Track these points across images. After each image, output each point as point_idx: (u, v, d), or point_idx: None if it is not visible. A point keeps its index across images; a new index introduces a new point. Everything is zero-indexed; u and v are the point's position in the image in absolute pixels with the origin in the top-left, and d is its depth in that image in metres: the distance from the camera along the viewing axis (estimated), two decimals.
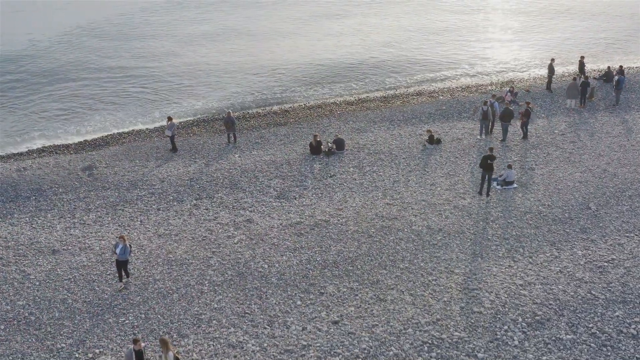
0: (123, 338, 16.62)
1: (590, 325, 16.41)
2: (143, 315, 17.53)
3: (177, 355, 14.24)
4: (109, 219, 23.22)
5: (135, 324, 17.21)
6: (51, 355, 16.13)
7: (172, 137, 29.15)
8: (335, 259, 19.83)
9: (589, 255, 19.55)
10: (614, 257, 19.39)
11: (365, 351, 15.72)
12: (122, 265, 18.60)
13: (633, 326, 16.34)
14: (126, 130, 33.08)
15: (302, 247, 20.61)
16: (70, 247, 21.13)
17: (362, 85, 38.86)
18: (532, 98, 33.93)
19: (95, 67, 43.34)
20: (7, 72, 42.48)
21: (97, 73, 42.11)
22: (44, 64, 44.25)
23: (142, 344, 14.19)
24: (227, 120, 29.77)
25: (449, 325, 16.51)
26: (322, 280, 18.80)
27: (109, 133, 32.69)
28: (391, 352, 15.62)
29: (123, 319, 17.41)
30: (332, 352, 15.73)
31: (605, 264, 19.04)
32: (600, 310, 16.97)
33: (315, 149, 28.32)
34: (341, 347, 15.91)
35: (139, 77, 41.32)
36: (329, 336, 16.32)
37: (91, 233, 22.09)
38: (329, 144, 28.68)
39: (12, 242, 21.56)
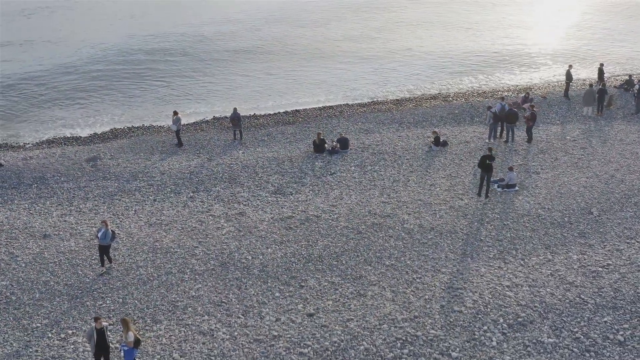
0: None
1: (575, 330, 15.66)
2: (121, 300, 17.47)
3: (137, 335, 14.08)
4: (105, 207, 23.35)
5: (112, 307, 17.16)
6: (25, 333, 16.16)
7: (177, 131, 29.26)
8: (320, 254, 19.49)
9: (584, 259, 18.75)
10: (610, 262, 18.55)
11: (336, 344, 15.31)
12: (104, 250, 18.61)
13: (621, 332, 15.53)
14: (137, 124, 33.40)
15: (289, 240, 20.33)
16: (61, 233, 21.29)
17: (380, 87, 38.49)
18: (548, 105, 33.10)
19: (121, 60, 44.05)
20: (34, 63, 43.48)
21: (122, 67, 42.78)
22: (73, 56, 45.18)
23: (104, 323, 14.07)
24: (233, 117, 29.76)
25: (426, 323, 15.97)
26: (304, 274, 18.47)
27: (120, 127, 33.09)
28: (362, 347, 15.17)
29: (100, 303, 17.39)
30: (301, 344, 15.36)
31: (600, 269, 18.22)
32: (587, 315, 16.19)
33: (319, 147, 28.06)
34: (312, 339, 15.53)
35: (164, 71, 41.81)
36: (301, 328, 15.96)
37: (84, 220, 22.24)
38: (333, 143, 28.41)
39: (7, 226, 21.83)
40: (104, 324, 14.08)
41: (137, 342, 14.02)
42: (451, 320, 16.08)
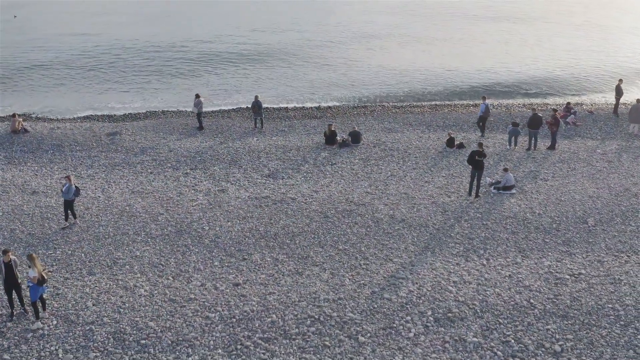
0: (43, 267, 16.99)
1: (508, 333, 14.07)
2: (69, 252, 17.89)
3: (42, 273, 14.28)
4: (103, 175, 24.17)
5: (59, 258, 17.59)
6: None
7: (198, 114, 29.82)
8: (277, 232, 18.98)
9: (556, 266, 16.90)
10: (584, 272, 16.58)
11: (245, 313, 14.74)
12: (68, 205, 19.18)
13: (561, 342, 13.75)
14: (171, 109, 34.42)
15: (252, 217, 19.99)
16: (49, 191, 22.24)
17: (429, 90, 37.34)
18: (594, 120, 30.57)
19: (174, 45, 45.85)
20: (88, 48, 46.28)
21: (175, 53, 44.51)
22: (125, 42, 47.64)
23: (12, 256, 14.42)
24: (255, 104, 29.90)
25: (347, 306, 15.01)
26: (252, 248, 18.04)
27: (154, 109, 34.25)
28: (269, 320, 14.49)
29: (51, 252, 17.88)
30: (212, 309, 14.93)
31: (568, 276, 16.33)
32: (529, 320, 14.51)
33: (329, 138, 27.53)
34: (224, 305, 15.06)
35: (216, 60, 43.07)
36: (220, 295, 15.54)
37: (77, 184, 23.08)
38: (344, 136, 27.80)
39: (8, 183, 23.12)
40: (12, 257, 14.42)
41: (41, 280, 14.23)
42: (375, 306, 15.00)
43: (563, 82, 39.33)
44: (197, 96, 29.87)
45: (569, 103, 30.80)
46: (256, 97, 30.11)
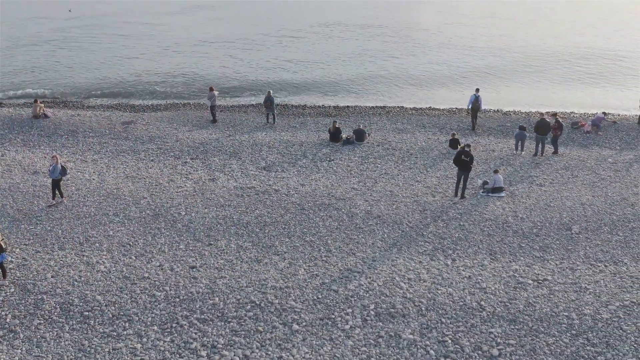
0: (21, 240, 17.78)
1: (447, 333, 13.63)
2: (49, 228, 18.62)
3: (1, 242, 14.93)
4: (106, 160, 25.03)
5: (38, 233, 18.35)
6: None
7: (212, 107, 30.37)
8: (249, 220, 19.11)
9: (522, 270, 16.23)
10: (550, 278, 15.85)
11: (190, 294, 14.93)
12: (55, 184, 19.97)
13: (500, 347, 13.21)
14: (192, 102, 35.23)
15: (230, 205, 20.21)
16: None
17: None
18: (616, 130, 29.15)
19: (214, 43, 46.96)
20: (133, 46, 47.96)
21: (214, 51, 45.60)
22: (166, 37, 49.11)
23: None
24: (267, 99, 30.17)
25: (291, 294, 14.95)
26: (220, 234, 18.24)
27: (176, 102, 35.15)
28: (211, 302, 14.62)
29: (32, 227, 18.68)
30: (160, 288, 15.22)
31: (531, 282, 15.65)
32: (473, 322, 14.01)
33: (334, 135, 27.46)
34: (173, 286, 15.30)
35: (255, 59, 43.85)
36: (173, 275, 15.80)
37: (78, 166, 24.01)
38: (350, 133, 27.66)
39: (16, 163, 24.30)
40: None
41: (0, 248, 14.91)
42: (319, 297, 14.87)
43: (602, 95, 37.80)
44: (211, 89, 30.44)
45: (605, 113, 29.52)
46: (269, 92, 30.39)
